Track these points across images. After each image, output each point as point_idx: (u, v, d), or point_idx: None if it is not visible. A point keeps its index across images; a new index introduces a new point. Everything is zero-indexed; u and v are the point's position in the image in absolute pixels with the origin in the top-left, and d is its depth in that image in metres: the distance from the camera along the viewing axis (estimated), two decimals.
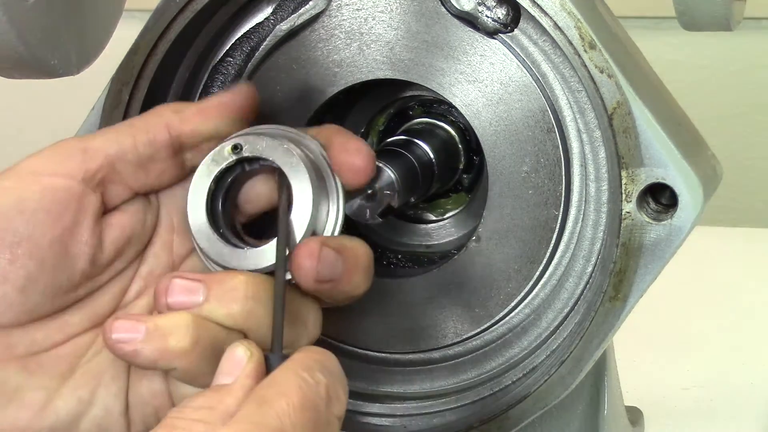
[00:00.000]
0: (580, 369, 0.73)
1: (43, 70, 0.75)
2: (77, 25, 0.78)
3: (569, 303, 0.77)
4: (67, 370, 0.67)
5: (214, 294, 0.66)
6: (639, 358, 1.13)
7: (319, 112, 0.79)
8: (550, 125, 0.75)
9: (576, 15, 0.70)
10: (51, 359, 0.67)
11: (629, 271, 0.71)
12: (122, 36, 0.83)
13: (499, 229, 0.77)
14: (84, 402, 0.67)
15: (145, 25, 0.75)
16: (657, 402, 1.07)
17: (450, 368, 0.80)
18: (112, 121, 0.76)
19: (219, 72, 0.80)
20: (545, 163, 0.75)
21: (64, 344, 0.68)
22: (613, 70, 0.69)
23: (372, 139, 0.85)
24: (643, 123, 0.70)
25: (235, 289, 0.66)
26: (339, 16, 0.77)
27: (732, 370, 1.16)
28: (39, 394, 0.66)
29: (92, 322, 0.69)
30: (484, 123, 0.76)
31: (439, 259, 0.81)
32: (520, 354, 0.78)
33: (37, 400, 0.66)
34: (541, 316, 0.78)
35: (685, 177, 0.69)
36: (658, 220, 0.70)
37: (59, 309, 0.67)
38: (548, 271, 0.77)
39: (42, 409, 0.66)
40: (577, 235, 0.76)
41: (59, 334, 0.68)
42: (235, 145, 0.68)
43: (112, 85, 0.76)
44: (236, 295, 0.66)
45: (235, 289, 0.66)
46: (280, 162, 0.68)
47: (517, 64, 0.75)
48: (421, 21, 0.76)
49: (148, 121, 0.70)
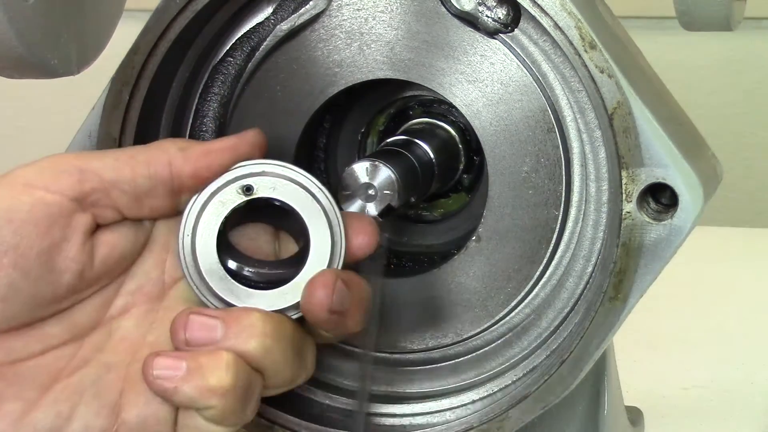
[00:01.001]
0: (580, 369, 0.73)
1: (43, 70, 0.75)
2: (77, 25, 0.78)
3: (569, 303, 0.77)
4: (47, 382, 0.67)
5: (232, 331, 0.66)
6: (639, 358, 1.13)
7: (319, 112, 0.79)
8: (550, 125, 0.75)
9: (576, 15, 0.70)
10: (30, 370, 0.66)
11: (629, 271, 0.71)
12: (122, 36, 0.83)
13: (499, 229, 0.77)
14: (63, 417, 0.66)
15: (145, 25, 0.75)
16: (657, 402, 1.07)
17: (450, 368, 0.80)
18: (112, 121, 0.76)
19: (219, 72, 0.80)
20: (545, 163, 0.75)
21: (44, 355, 0.67)
22: (614, 70, 0.69)
23: (372, 139, 0.85)
24: (644, 123, 0.69)
25: (253, 326, 0.66)
26: (339, 16, 0.77)
27: (732, 370, 1.16)
28: (16, 404, 0.66)
29: (72, 334, 0.68)
30: (484, 123, 0.76)
31: (439, 259, 0.81)
32: (520, 354, 0.78)
33: (15, 411, 0.65)
34: (541, 316, 0.78)
35: (686, 177, 0.69)
36: (659, 220, 0.70)
37: (39, 319, 0.67)
38: (548, 271, 0.77)
39: (19, 420, 0.65)
40: (577, 235, 0.76)
41: (38, 344, 0.67)
42: (247, 186, 0.68)
43: (112, 85, 0.76)
44: (254, 332, 0.66)
45: (253, 326, 0.66)
46: (297, 206, 0.68)
47: (517, 64, 0.75)
48: (421, 21, 0.76)
49: (150, 155, 0.69)
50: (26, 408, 0.66)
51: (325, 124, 0.84)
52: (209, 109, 0.80)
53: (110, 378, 0.68)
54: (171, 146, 0.70)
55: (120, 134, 0.76)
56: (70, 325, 0.68)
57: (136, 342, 0.69)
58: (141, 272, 0.70)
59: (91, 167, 0.67)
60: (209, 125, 0.80)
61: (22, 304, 0.65)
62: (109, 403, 0.67)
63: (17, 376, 0.66)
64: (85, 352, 0.68)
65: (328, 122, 0.84)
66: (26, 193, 0.66)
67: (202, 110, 0.80)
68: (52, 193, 0.66)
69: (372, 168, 0.74)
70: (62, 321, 0.68)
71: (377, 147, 0.84)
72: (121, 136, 0.77)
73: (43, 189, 0.66)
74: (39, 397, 0.66)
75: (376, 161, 0.74)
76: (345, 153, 0.85)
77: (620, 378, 0.89)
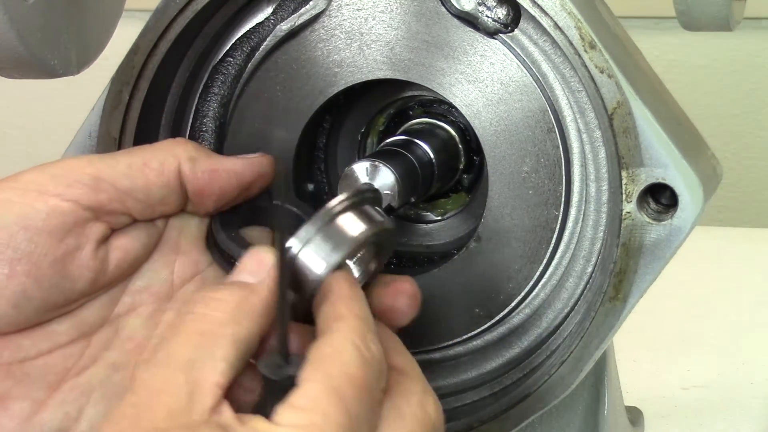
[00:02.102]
0: (580, 369, 0.73)
1: (43, 70, 0.75)
2: (77, 25, 0.78)
3: (569, 303, 0.77)
4: (55, 381, 0.67)
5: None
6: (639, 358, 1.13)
7: (319, 112, 0.79)
8: (550, 125, 0.75)
9: (576, 15, 0.70)
10: (38, 369, 0.66)
11: (629, 271, 0.71)
12: (122, 36, 0.83)
13: (499, 229, 0.77)
14: (71, 417, 0.66)
15: (145, 25, 0.75)
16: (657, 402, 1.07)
17: (450, 368, 0.80)
18: (112, 121, 0.76)
19: (219, 72, 0.80)
20: (545, 163, 0.75)
21: (52, 353, 0.67)
22: (613, 70, 0.69)
23: (372, 139, 0.85)
24: (643, 123, 0.69)
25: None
26: (339, 16, 0.77)
27: (732, 370, 1.16)
28: (25, 403, 0.65)
29: (80, 332, 0.68)
30: (484, 123, 0.76)
31: (439, 259, 0.81)
32: (520, 354, 0.78)
33: (23, 411, 0.65)
34: (541, 317, 0.78)
35: (685, 177, 0.69)
36: (659, 220, 0.70)
37: (48, 320, 0.67)
38: (548, 271, 0.77)
39: (27, 420, 0.65)
40: (577, 235, 0.76)
41: (46, 342, 0.67)
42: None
43: (112, 85, 0.76)
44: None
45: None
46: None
47: (517, 64, 0.75)
48: (421, 21, 0.76)
49: (163, 162, 0.68)
50: (34, 408, 0.66)
51: (325, 124, 0.84)
52: (209, 109, 0.80)
53: (117, 378, 0.68)
54: (182, 153, 0.69)
55: (120, 134, 0.77)
56: (77, 322, 0.68)
57: (142, 342, 0.69)
58: (149, 271, 0.70)
59: (105, 176, 0.67)
60: (209, 125, 0.79)
61: (34, 309, 0.65)
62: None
63: (25, 375, 0.66)
64: (92, 350, 0.68)
65: (328, 122, 0.84)
66: (41, 201, 0.65)
67: (202, 110, 0.80)
68: (66, 202, 0.66)
69: (372, 168, 0.74)
70: (70, 319, 0.68)
71: (377, 147, 0.84)
72: (121, 136, 0.77)
73: (57, 197, 0.66)
74: (47, 396, 0.66)
75: (376, 161, 0.74)
76: (345, 153, 0.85)
77: (620, 378, 0.89)
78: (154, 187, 0.68)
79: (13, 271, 0.64)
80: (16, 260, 0.64)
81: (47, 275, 0.65)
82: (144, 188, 0.68)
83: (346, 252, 0.64)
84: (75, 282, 0.66)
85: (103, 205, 0.66)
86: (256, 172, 0.71)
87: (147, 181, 0.68)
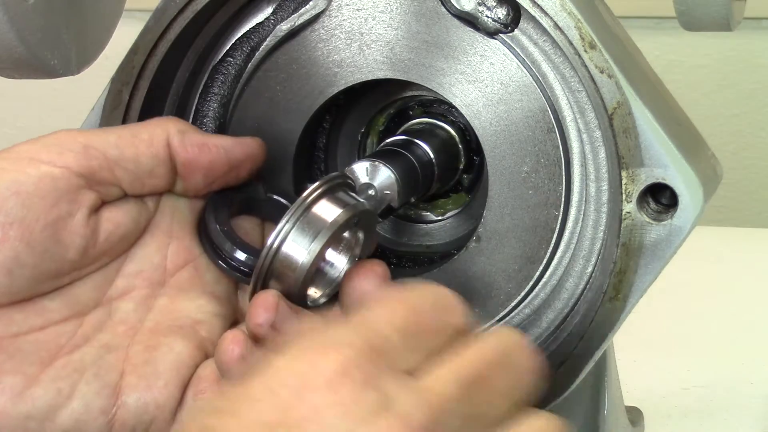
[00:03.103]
0: (580, 369, 0.73)
1: (43, 70, 0.75)
2: (77, 25, 0.78)
3: (569, 303, 0.77)
4: (47, 357, 0.67)
5: None
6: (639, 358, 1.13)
7: (319, 112, 0.79)
8: (550, 125, 0.75)
9: (576, 15, 0.70)
10: (30, 344, 0.67)
11: (629, 271, 0.71)
12: (122, 36, 0.83)
13: (499, 229, 0.77)
14: (63, 394, 0.66)
15: (145, 25, 0.75)
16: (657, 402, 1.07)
17: None
18: (112, 121, 0.76)
19: (219, 72, 0.80)
20: (545, 163, 0.75)
21: (44, 330, 0.67)
22: (614, 70, 0.69)
23: (372, 139, 0.85)
24: (644, 123, 0.69)
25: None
26: (339, 16, 0.77)
27: (732, 370, 1.16)
28: (16, 378, 0.66)
29: (73, 311, 0.68)
30: (484, 123, 0.76)
31: (439, 259, 0.81)
32: None
33: (15, 385, 0.66)
34: (541, 316, 0.78)
35: (685, 177, 0.69)
36: (659, 220, 0.70)
37: (40, 294, 0.67)
38: (548, 271, 0.77)
39: (19, 394, 0.66)
40: (577, 235, 0.76)
41: (38, 318, 0.67)
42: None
43: (112, 85, 0.76)
44: None
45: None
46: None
47: (517, 64, 0.75)
48: (421, 21, 0.76)
49: (152, 133, 0.70)
50: (26, 383, 0.66)
51: (325, 124, 0.84)
52: (209, 109, 0.80)
53: (111, 359, 0.68)
54: (172, 127, 0.71)
55: None
56: (70, 301, 0.68)
57: (135, 326, 0.70)
58: (142, 255, 0.71)
59: (96, 144, 0.68)
60: (209, 125, 0.80)
61: (26, 278, 0.66)
62: (110, 384, 0.67)
63: (18, 350, 0.66)
64: (85, 329, 0.69)
65: (328, 122, 0.84)
66: (33, 167, 0.66)
67: (202, 110, 0.80)
68: (58, 168, 0.67)
69: (372, 168, 0.74)
70: (62, 296, 0.68)
71: (377, 147, 0.84)
72: None
73: (48, 163, 0.67)
74: (39, 372, 0.66)
75: (376, 161, 0.74)
76: (345, 153, 0.85)
77: (620, 378, 0.89)
78: (143, 157, 0.69)
79: (5, 235, 0.65)
80: (8, 225, 0.65)
81: (39, 240, 0.65)
82: (133, 158, 0.69)
83: (325, 238, 0.67)
84: (66, 249, 0.67)
85: (94, 171, 0.67)
86: (245, 152, 0.72)
87: (136, 151, 0.69)
